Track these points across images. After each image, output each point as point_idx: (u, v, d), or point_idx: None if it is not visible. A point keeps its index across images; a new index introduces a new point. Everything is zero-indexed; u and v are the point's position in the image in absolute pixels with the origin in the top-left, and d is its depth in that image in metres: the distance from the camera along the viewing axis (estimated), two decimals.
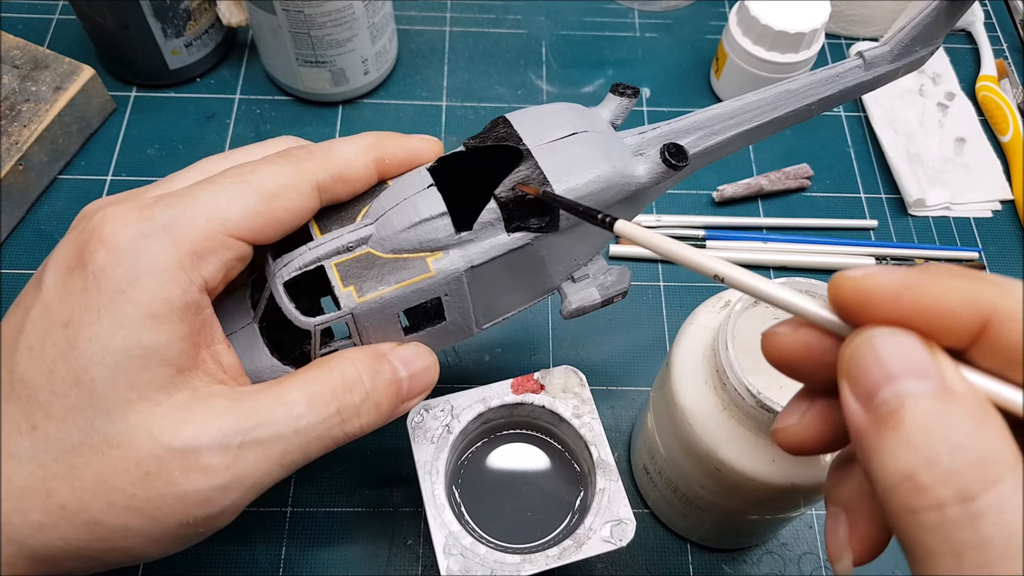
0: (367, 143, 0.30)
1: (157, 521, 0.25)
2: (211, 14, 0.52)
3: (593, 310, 0.33)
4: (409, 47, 0.57)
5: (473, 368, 0.45)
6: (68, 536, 0.25)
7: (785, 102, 0.32)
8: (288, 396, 0.27)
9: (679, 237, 0.49)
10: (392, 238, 0.29)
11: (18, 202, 0.48)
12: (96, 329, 0.25)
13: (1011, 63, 0.58)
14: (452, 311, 0.30)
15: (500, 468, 0.36)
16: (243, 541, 0.40)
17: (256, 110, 0.54)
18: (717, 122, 0.32)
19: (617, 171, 0.29)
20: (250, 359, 0.30)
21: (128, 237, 0.26)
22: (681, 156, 0.30)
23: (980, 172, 0.53)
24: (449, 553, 0.31)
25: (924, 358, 0.18)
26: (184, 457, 0.25)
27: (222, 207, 0.27)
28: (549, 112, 0.31)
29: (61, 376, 0.25)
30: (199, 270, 0.26)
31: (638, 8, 0.60)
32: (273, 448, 0.26)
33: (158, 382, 0.25)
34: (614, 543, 0.31)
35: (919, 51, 0.32)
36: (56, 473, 0.25)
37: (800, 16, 0.49)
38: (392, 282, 0.29)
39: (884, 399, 0.18)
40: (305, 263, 0.29)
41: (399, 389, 0.29)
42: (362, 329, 0.29)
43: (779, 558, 0.41)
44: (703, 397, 0.32)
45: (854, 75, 0.32)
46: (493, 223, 0.29)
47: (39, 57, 0.50)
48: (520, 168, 0.29)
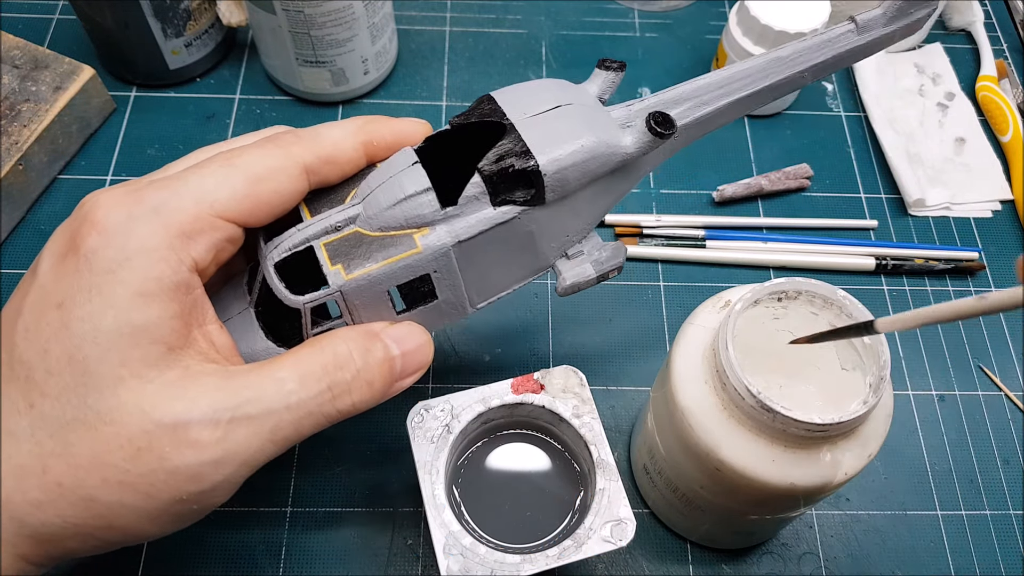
0: (355, 126, 0.30)
1: (151, 497, 0.26)
2: (211, 14, 0.52)
3: (588, 286, 0.33)
4: (409, 47, 0.57)
5: (473, 368, 0.45)
6: (66, 513, 0.25)
7: (776, 69, 0.32)
8: (279, 373, 0.27)
9: (679, 237, 0.49)
10: (379, 216, 0.29)
11: (18, 202, 0.48)
12: (88, 308, 0.25)
13: (1011, 63, 0.58)
14: (443, 289, 0.31)
15: (500, 468, 0.36)
16: (243, 541, 0.40)
17: (256, 110, 0.54)
18: (706, 91, 0.32)
19: (602, 141, 0.29)
20: (246, 343, 0.30)
21: (118, 219, 0.26)
22: (667, 124, 0.30)
23: (980, 172, 0.53)
24: (449, 553, 0.31)
25: None
26: (174, 432, 0.25)
27: (210, 189, 0.27)
28: (534, 87, 0.31)
29: (55, 355, 0.25)
30: (188, 250, 0.27)
31: (638, 8, 0.60)
32: (264, 424, 0.26)
33: (149, 359, 0.26)
34: (614, 543, 0.31)
35: (914, 12, 0.31)
36: (52, 451, 0.25)
37: (800, 16, 0.49)
38: (379, 259, 0.29)
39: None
40: (294, 244, 0.29)
41: (392, 367, 0.30)
42: (352, 308, 0.30)
43: (779, 558, 0.41)
44: (703, 397, 0.32)
45: (847, 39, 0.31)
46: (478, 197, 0.29)
47: (39, 57, 0.50)
48: (503, 141, 0.29)
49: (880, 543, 0.41)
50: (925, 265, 0.49)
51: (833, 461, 0.31)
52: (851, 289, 0.32)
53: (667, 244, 0.49)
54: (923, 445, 0.44)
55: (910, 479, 0.43)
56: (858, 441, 0.31)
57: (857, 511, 0.42)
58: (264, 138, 0.30)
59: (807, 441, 0.30)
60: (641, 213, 0.50)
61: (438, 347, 0.45)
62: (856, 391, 0.31)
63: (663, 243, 0.49)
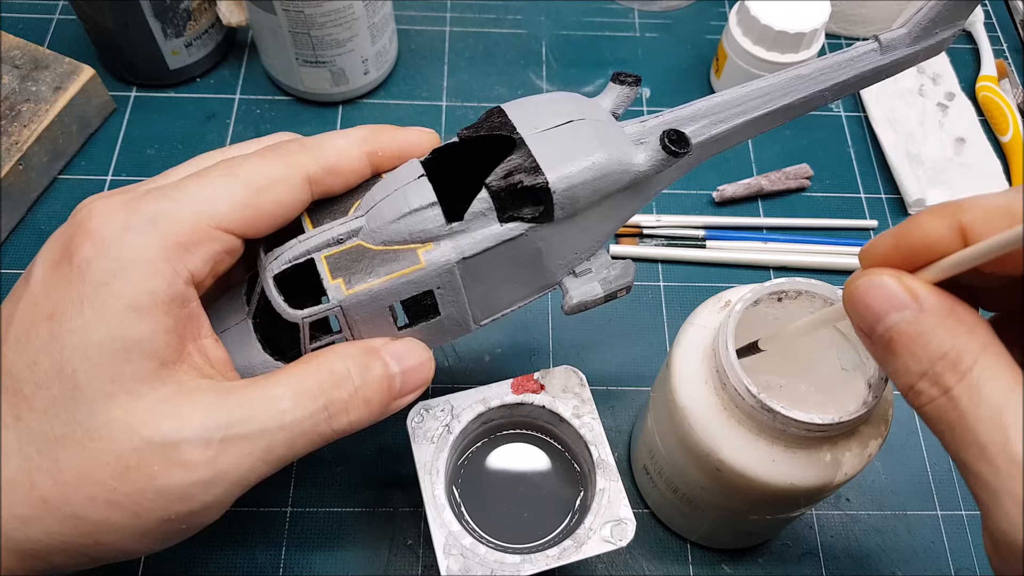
0: (360, 136, 0.30)
1: (139, 516, 0.25)
2: (211, 14, 0.52)
3: (596, 305, 0.32)
4: (409, 47, 0.57)
5: (473, 368, 0.45)
6: (52, 530, 0.25)
7: (796, 88, 0.31)
8: (274, 391, 0.27)
9: (679, 237, 0.49)
10: (382, 229, 0.28)
11: (18, 202, 0.48)
12: (79, 321, 0.25)
13: (1011, 63, 0.58)
14: (447, 305, 0.30)
15: (500, 468, 0.36)
16: (243, 541, 0.40)
17: (256, 110, 0.54)
18: (723, 109, 0.31)
19: (614, 159, 0.29)
20: (243, 355, 0.30)
21: (113, 229, 0.26)
22: (682, 143, 0.29)
23: (980, 172, 0.53)
24: (449, 553, 0.31)
25: (899, 292, 0.23)
26: (164, 451, 0.25)
27: (209, 200, 0.27)
28: (545, 101, 0.30)
29: (44, 368, 0.25)
30: (185, 262, 0.26)
31: (638, 8, 0.60)
32: (257, 443, 0.26)
33: (141, 375, 0.25)
34: (614, 543, 0.31)
35: (940, 33, 0.30)
36: (39, 466, 0.25)
37: (800, 16, 0.49)
38: (382, 274, 0.28)
39: (879, 333, 0.24)
40: (295, 256, 0.28)
41: (391, 385, 0.29)
42: (352, 323, 0.29)
43: (779, 558, 0.41)
44: (703, 397, 0.32)
45: (870, 59, 0.30)
46: (485, 213, 0.28)
47: (39, 57, 0.50)
48: (512, 156, 0.28)
49: (880, 543, 0.41)
50: None
51: (833, 461, 0.31)
52: None
53: (667, 244, 0.49)
54: (923, 445, 0.44)
55: (910, 479, 0.43)
56: (858, 441, 0.31)
57: (857, 511, 0.42)
58: (266, 147, 0.29)
59: (807, 441, 0.30)
60: (641, 213, 0.50)
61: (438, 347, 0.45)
62: (856, 391, 0.31)
63: (663, 243, 0.49)
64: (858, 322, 0.24)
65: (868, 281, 0.24)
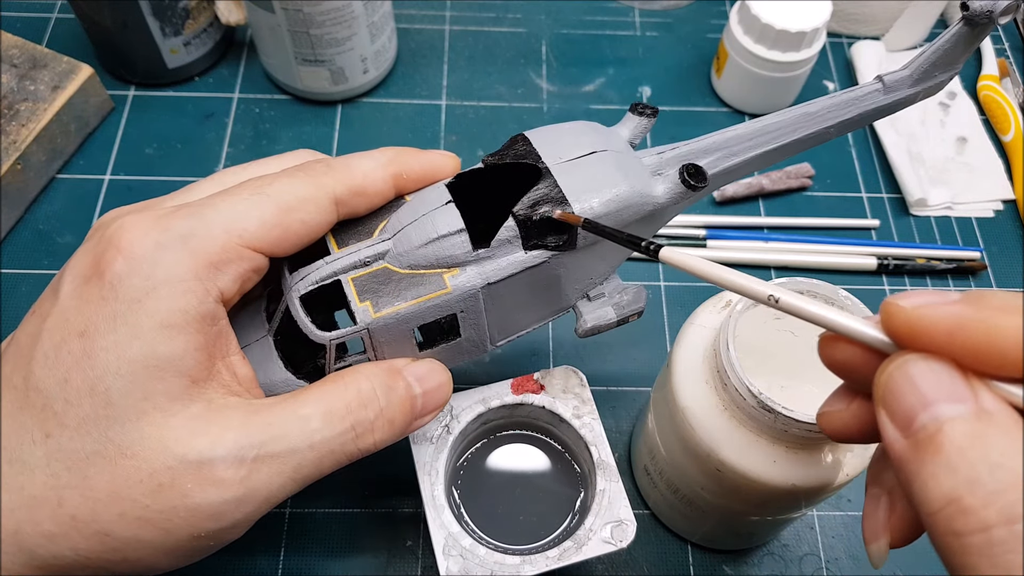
0: (386, 158, 0.30)
1: (168, 533, 0.25)
2: (210, 13, 0.52)
3: (608, 329, 0.33)
4: (408, 46, 0.57)
5: (473, 368, 0.44)
6: (79, 547, 0.25)
7: (804, 124, 0.32)
8: (303, 410, 0.27)
9: (680, 237, 0.49)
10: (409, 254, 0.29)
11: (16, 201, 0.48)
12: (112, 338, 0.25)
13: (1012, 62, 0.58)
14: (467, 328, 0.30)
15: (500, 469, 0.36)
16: (242, 542, 0.39)
17: (255, 109, 0.53)
18: (736, 143, 0.32)
19: (636, 191, 0.29)
20: (264, 372, 0.30)
21: (146, 247, 0.26)
22: (700, 177, 0.30)
23: (982, 172, 0.53)
24: (448, 554, 0.31)
25: (957, 382, 0.19)
26: (198, 469, 0.25)
27: (239, 218, 0.27)
28: (569, 130, 0.31)
29: (76, 385, 0.25)
30: (215, 281, 0.26)
31: (638, 7, 0.60)
32: (287, 462, 0.26)
33: (173, 393, 0.25)
34: (614, 544, 0.31)
35: (938, 76, 0.32)
36: (68, 483, 0.25)
37: (801, 15, 0.49)
38: (409, 298, 0.29)
39: (922, 424, 0.18)
40: (322, 277, 0.29)
41: (413, 406, 0.29)
42: (377, 344, 0.29)
43: (780, 559, 0.40)
44: (704, 397, 0.32)
45: (873, 99, 0.32)
46: (511, 240, 0.29)
47: (37, 56, 0.49)
48: (539, 186, 0.29)
49: None
50: (927, 265, 0.49)
51: (834, 462, 0.31)
52: (853, 289, 0.32)
53: (668, 244, 0.49)
54: None
55: None
56: None
57: (858, 512, 0.42)
58: (294, 167, 0.29)
59: (808, 442, 0.30)
60: None
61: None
62: None
63: (664, 243, 0.49)
64: (895, 405, 0.19)
65: (918, 360, 0.19)
